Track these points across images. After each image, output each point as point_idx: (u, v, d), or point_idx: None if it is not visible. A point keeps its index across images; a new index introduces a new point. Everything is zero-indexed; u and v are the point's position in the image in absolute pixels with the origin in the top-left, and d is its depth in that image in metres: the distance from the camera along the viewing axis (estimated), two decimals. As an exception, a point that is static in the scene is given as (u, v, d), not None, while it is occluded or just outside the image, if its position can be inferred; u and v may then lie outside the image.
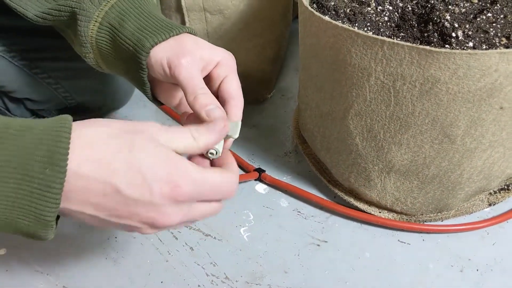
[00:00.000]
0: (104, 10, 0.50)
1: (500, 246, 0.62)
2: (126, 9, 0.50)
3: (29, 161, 0.34)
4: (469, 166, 0.54)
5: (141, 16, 0.50)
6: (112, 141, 0.37)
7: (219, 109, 0.44)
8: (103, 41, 0.50)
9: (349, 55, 0.49)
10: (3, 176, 0.34)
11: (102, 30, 0.50)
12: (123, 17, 0.49)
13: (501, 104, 0.47)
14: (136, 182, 0.36)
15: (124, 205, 0.37)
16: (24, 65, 0.69)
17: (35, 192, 0.35)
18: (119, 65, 0.52)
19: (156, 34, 0.47)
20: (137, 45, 0.47)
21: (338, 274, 0.60)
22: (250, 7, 0.73)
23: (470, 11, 0.52)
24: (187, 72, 0.45)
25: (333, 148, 0.62)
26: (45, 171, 0.34)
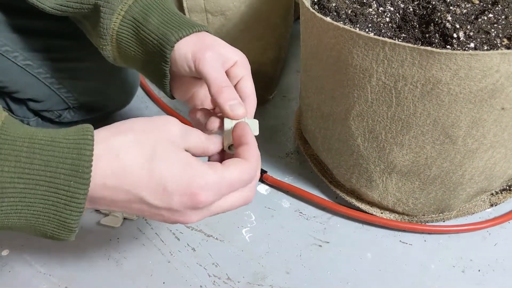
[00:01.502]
0: (128, 4, 0.52)
1: (501, 246, 0.62)
2: (149, 5, 0.52)
3: (55, 175, 0.36)
4: (470, 167, 0.54)
5: (163, 11, 0.52)
6: (134, 150, 0.39)
7: (242, 106, 0.47)
8: (125, 34, 0.52)
9: (350, 56, 0.49)
10: (31, 187, 0.36)
11: (124, 24, 0.52)
12: (147, 12, 0.51)
13: (503, 105, 0.47)
14: (158, 191, 0.39)
15: (148, 209, 0.40)
16: (26, 65, 0.69)
17: (60, 202, 0.37)
18: (137, 59, 0.53)
19: (180, 29, 0.49)
20: (162, 39, 0.49)
21: (340, 274, 0.60)
22: (252, 9, 0.73)
23: (472, 12, 0.52)
24: (212, 66, 0.47)
25: (335, 149, 0.62)
26: (70, 183, 0.37)
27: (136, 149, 0.39)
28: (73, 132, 0.38)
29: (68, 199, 0.37)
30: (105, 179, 0.38)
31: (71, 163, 0.37)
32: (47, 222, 0.38)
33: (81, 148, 0.37)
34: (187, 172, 0.39)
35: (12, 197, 0.36)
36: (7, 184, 0.36)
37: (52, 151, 0.37)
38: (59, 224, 0.38)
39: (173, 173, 0.39)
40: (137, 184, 0.38)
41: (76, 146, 0.37)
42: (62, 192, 0.37)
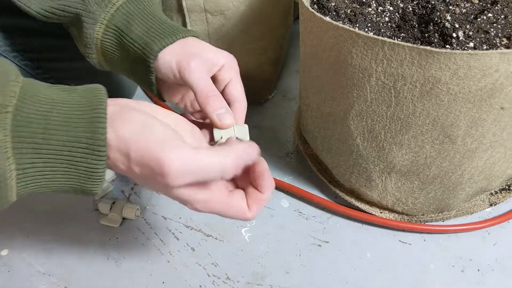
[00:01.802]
0: (110, 13, 0.51)
1: (501, 246, 0.62)
2: (132, 12, 0.51)
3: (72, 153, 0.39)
4: (470, 167, 0.54)
5: (147, 18, 0.51)
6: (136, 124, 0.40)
7: (230, 114, 0.47)
8: (109, 43, 0.52)
9: (350, 55, 0.49)
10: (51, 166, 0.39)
11: (108, 33, 0.51)
12: (130, 20, 0.51)
13: (502, 104, 0.47)
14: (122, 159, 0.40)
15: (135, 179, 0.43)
16: (26, 65, 0.69)
17: (81, 176, 0.40)
18: (125, 67, 0.53)
19: (164, 37, 0.49)
20: (145, 49, 0.49)
21: (340, 274, 0.60)
22: (251, 8, 0.73)
23: (471, 11, 0.52)
24: (197, 75, 0.47)
25: (334, 148, 0.62)
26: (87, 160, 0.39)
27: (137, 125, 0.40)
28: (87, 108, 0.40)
29: (89, 174, 0.39)
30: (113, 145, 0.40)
31: (86, 143, 0.39)
32: (70, 190, 0.41)
33: (94, 127, 0.39)
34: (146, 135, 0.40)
35: (34, 176, 0.38)
36: (27, 165, 0.38)
37: (67, 132, 0.38)
38: (84, 192, 0.41)
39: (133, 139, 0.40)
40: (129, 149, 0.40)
41: (90, 125, 0.39)
42: (82, 168, 0.39)
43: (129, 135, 0.39)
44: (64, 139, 0.38)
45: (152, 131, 0.40)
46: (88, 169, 0.39)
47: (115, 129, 0.39)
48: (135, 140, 0.39)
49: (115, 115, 0.40)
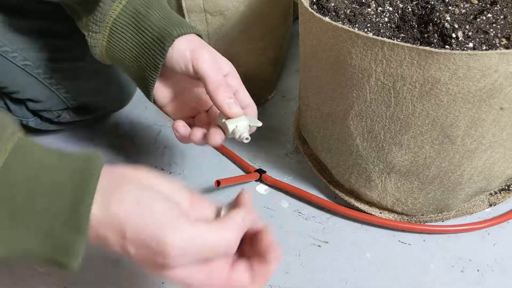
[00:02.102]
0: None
1: (500, 246, 0.62)
2: (149, 0, 0.53)
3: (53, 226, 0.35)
4: (469, 167, 0.54)
5: (164, 9, 0.54)
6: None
7: (238, 105, 0.50)
8: (123, 23, 0.53)
9: (349, 56, 0.49)
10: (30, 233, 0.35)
11: (125, 13, 0.52)
12: (148, 6, 0.53)
13: (501, 105, 0.47)
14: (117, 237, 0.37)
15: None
16: (26, 65, 0.69)
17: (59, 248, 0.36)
18: (129, 50, 0.54)
19: (181, 27, 0.51)
20: (163, 32, 0.51)
21: (339, 274, 0.60)
22: (251, 9, 0.73)
23: (470, 12, 0.52)
24: (210, 64, 0.49)
25: (334, 149, 0.62)
26: (68, 237, 0.36)
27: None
28: (77, 178, 0.36)
29: (66, 248, 0.36)
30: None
31: (69, 216, 0.35)
32: (45, 261, 0.37)
33: (79, 201, 0.35)
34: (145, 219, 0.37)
35: (8, 239, 0.35)
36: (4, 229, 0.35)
37: (49, 202, 0.35)
38: (60, 266, 0.37)
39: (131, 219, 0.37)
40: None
41: (75, 198, 0.35)
42: (60, 242, 0.36)
43: (125, 213, 0.36)
44: (45, 207, 0.35)
45: (150, 208, 0.36)
46: (67, 243, 0.36)
47: (107, 205, 0.36)
48: (131, 218, 0.36)
49: (109, 189, 0.36)
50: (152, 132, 0.83)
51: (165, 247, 0.35)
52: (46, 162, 0.36)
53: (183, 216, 0.37)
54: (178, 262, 0.36)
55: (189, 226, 0.36)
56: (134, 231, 0.36)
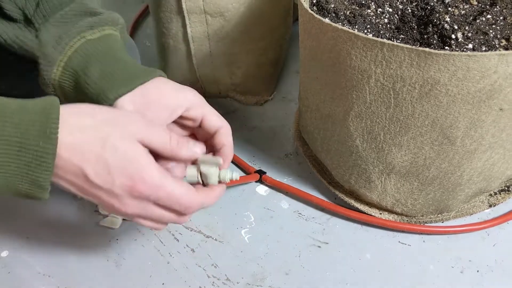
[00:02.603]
0: (67, 55, 0.50)
1: (500, 247, 0.62)
2: (90, 53, 0.50)
3: (25, 135, 0.40)
4: (469, 168, 0.54)
5: (106, 61, 0.50)
6: (90, 133, 0.42)
7: (196, 148, 0.49)
8: (67, 85, 0.51)
9: (349, 57, 0.49)
10: (4, 148, 0.39)
11: (65, 75, 0.50)
12: (88, 62, 0.49)
13: (501, 106, 0.47)
14: (102, 173, 0.42)
15: (90, 187, 0.43)
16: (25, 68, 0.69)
17: (32, 162, 0.40)
18: None
19: (121, 84, 0.48)
20: (99, 96, 0.48)
21: (339, 275, 0.60)
22: (251, 10, 0.73)
23: (470, 13, 0.52)
24: (158, 137, 0.46)
25: (334, 149, 0.62)
26: (39, 143, 0.40)
27: (92, 132, 0.42)
28: (41, 101, 0.41)
29: (39, 158, 0.40)
30: (60, 149, 0.41)
31: (40, 125, 0.40)
32: (21, 180, 0.41)
33: (48, 113, 0.40)
34: (133, 164, 0.43)
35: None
36: None
37: (22, 114, 0.40)
38: (32, 183, 0.41)
39: (119, 162, 0.42)
40: (85, 161, 0.42)
41: (44, 111, 0.41)
42: (32, 152, 0.40)
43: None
44: (18, 121, 0.40)
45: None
46: (39, 154, 0.40)
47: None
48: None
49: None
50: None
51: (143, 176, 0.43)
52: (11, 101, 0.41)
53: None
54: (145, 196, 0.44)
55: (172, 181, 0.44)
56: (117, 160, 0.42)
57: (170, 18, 0.76)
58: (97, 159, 0.42)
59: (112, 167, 0.42)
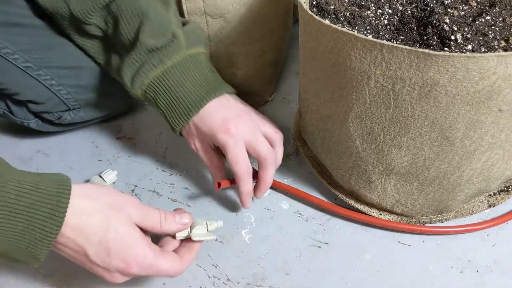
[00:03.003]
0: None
1: (500, 247, 0.62)
2: (187, 69, 0.63)
3: (35, 215, 0.45)
4: (468, 168, 0.55)
5: (198, 79, 0.64)
6: (95, 217, 0.49)
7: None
8: (155, 89, 0.64)
9: (348, 58, 0.49)
10: (15, 223, 0.44)
11: (159, 81, 0.63)
12: (184, 79, 0.63)
13: (500, 107, 0.48)
14: (102, 255, 0.49)
15: (87, 262, 0.50)
16: (27, 67, 0.69)
17: (36, 238, 0.46)
18: (158, 104, 0.65)
19: (210, 94, 0.63)
20: (191, 104, 0.62)
21: (339, 275, 0.61)
22: (251, 11, 0.74)
23: (469, 14, 0.52)
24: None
25: (334, 150, 0.62)
26: (46, 224, 0.45)
27: (97, 215, 0.49)
28: (54, 183, 0.47)
29: (43, 236, 0.46)
30: (66, 230, 0.47)
31: (50, 208, 0.45)
32: (19, 252, 0.46)
33: (60, 197, 0.46)
34: (130, 247, 0.50)
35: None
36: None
37: (36, 196, 0.45)
38: (30, 255, 0.47)
39: (119, 246, 0.49)
40: (88, 243, 0.48)
41: (57, 195, 0.46)
42: (38, 231, 0.45)
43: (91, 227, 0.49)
44: (31, 201, 0.45)
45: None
46: (43, 233, 0.45)
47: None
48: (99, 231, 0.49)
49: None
50: (154, 134, 0.84)
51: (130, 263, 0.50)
52: (25, 174, 0.47)
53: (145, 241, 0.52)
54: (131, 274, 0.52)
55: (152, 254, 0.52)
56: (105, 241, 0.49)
57: (171, 19, 0.76)
58: (100, 242, 0.48)
59: (112, 250, 0.49)
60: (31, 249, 0.46)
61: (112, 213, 0.49)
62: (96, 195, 0.50)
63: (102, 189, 0.52)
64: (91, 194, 0.50)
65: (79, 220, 0.48)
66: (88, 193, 0.50)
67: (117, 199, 0.51)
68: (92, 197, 0.50)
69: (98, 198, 0.50)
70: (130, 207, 0.51)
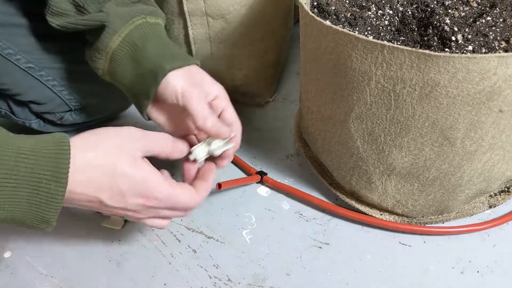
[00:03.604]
0: (129, 28, 0.59)
1: (500, 247, 0.62)
2: (148, 33, 0.59)
3: (38, 179, 0.44)
4: (469, 169, 0.55)
5: (160, 41, 0.59)
6: (99, 168, 0.47)
7: (223, 126, 0.56)
8: (122, 54, 0.59)
9: (349, 59, 0.50)
10: (18, 190, 0.43)
11: (124, 44, 0.59)
12: (145, 39, 0.58)
13: (500, 107, 0.48)
14: (116, 197, 0.49)
15: (105, 207, 0.50)
16: (29, 68, 0.69)
17: (42, 202, 0.45)
18: (126, 77, 0.60)
19: (174, 61, 0.57)
20: (157, 66, 0.56)
21: (340, 276, 0.61)
22: (252, 12, 0.74)
23: (470, 15, 0.52)
24: (198, 102, 0.55)
25: (334, 151, 0.62)
26: (50, 186, 0.44)
27: (100, 166, 0.47)
28: (52, 143, 0.46)
29: (49, 199, 0.45)
30: (75, 187, 0.46)
31: (52, 171, 0.44)
32: (29, 217, 0.45)
33: (59, 158, 0.45)
34: (142, 183, 0.49)
35: (1, 197, 0.43)
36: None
37: (35, 160, 0.44)
38: (41, 219, 0.46)
39: (130, 185, 0.48)
40: (99, 191, 0.48)
41: (56, 156, 0.45)
42: (43, 194, 0.44)
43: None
44: (32, 166, 0.44)
45: None
46: (49, 196, 0.45)
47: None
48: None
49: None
50: (154, 134, 0.84)
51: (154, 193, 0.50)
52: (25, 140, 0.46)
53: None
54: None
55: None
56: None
57: (172, 20, 0.76)
58: (111, 188, 0.48)
59: (126, 191, 0.48)
60: (40, 213, 0.45)
61: (115, 157, 0.48)
62: (94, 143, 0.48)
63: (100, 134, 0.50)
64: (90, 144, 0.48)
65: (84, 175, 0.47)
66: (86, 145, 0.48)
67: (117, 139, 0.49)
68: (91, 147, 0.48)
69: (97, 146, 0.48)
70: (132, 143, 0.50)
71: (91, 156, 0.47)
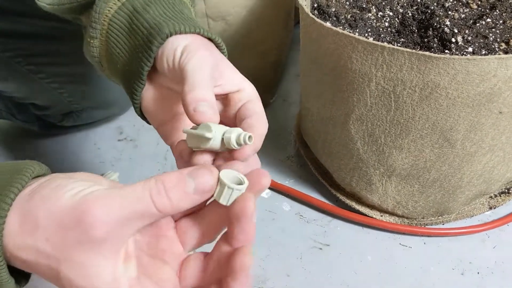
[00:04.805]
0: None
1: (500, 249, 0.62)
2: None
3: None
4: (469, 170, 0.55)
5: (167, 5, 0.42)
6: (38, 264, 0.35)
7: (212, 108, 0.35)
8: (118, 23, 0.42)
9: (349, 61, 0.50)
10: None
11: (121, 11, 0.42)
12: (149, 2, 0.42)
13: (500, 109, 0.48)
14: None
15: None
16: (29, 70, 0.69)
17: None
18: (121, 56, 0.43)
19: (180, 23, 0.39)
20: (153, 29, 0.39)
21: (340, 277, 0.61)
22: (252, 14, 0.74)
23: (470, 16, 0.53)
24: (198, 63, 0.37)
25: (335, 152, 0.62)
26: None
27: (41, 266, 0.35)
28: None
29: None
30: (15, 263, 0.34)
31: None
32: None
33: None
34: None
35: None
36: None
37: None
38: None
39: None
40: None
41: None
42: None
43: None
44: None
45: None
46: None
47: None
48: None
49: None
50: (155, 135, 0.84)
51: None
52: None
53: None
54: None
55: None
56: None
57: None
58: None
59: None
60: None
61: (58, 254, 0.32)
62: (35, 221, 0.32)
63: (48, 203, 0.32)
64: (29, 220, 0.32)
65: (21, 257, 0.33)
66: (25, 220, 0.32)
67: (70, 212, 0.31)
68: (30, 228, 0.32)
69: (35, 230, 0.32)
70: (91, 216, 0.31)
71: (25, 243, 0.33)
